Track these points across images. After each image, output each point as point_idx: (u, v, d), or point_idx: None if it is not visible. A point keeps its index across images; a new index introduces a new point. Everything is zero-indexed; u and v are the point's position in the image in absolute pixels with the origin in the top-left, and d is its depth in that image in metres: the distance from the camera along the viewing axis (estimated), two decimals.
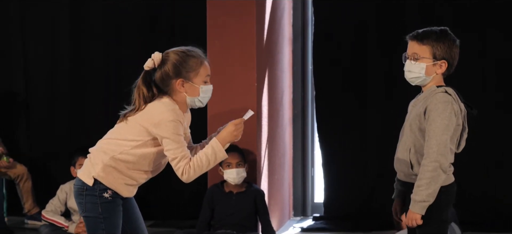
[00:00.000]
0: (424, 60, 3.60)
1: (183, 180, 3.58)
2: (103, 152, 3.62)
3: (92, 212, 3.60)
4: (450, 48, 3.61)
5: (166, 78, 3.61)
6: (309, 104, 6.75)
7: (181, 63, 3.61)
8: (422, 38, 3.62)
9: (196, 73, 3.63)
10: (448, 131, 3.52)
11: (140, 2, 6.77)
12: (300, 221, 6.66)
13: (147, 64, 3.64)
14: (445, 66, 3.61)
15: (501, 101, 6.22)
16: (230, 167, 5.58)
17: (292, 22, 6.69)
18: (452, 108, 3.55)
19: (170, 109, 3.56)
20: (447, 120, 3.52)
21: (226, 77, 5.80)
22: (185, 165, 3.53)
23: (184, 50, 3.66)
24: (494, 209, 6.22)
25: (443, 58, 3.60)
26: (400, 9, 6.30)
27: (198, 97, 3.66)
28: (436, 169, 3.50)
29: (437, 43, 3.60)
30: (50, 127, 7.01)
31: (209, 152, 3.57)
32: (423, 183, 3.52)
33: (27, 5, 6.96)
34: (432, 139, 3.51)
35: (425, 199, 3.52)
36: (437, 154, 3.49)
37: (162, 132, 3.53)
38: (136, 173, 3.64)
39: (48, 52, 6.97)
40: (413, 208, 3.56)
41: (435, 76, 3.63)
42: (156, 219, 6.60)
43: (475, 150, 6.05)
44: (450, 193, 3.64)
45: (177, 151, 3.53)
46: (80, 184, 3.64)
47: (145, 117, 3.58)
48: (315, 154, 6.81)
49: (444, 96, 3.57)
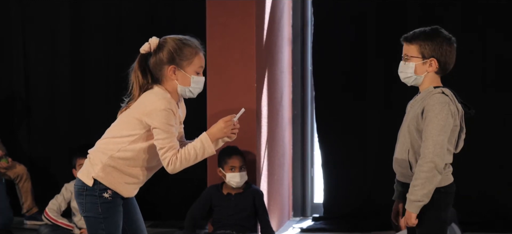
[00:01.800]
0: (413, 59, 3.63)
1: (168, 171, 3.57)
2: (101, 152, 3.62)
3: (92, 212, 3.60)
4: (439, 46, 3.61)
5: (160, 63, 3.62)
6: (308, 104, 6.75)
7: (176, 50, 3.63)
8: (411, 39, 3.65)
9: (189, 62, 3.64)
10: (444, 132, 3.53)
11: (140, 3, 6.77)
12: (300, 221, 6.66)
13: (143, 47, 3.66)
14: (435, 64, 3.62)
15: (501, 101, 6.22)
16: (234, 171, 5.58)
17: (292, 22, 6.69)
18: (449, 109, 3.55)
19: (162, 98, 3.56)
20: (443, 121, 3.53)
21: (225, 77, 5.80)
22: (172, 156, 3.52)
23: (181, 38, 3.68)
24: (494, 209, 6.22)
25: (431, 56, 3.61)
26: (401, 9, 6.30)
27: (189, 87, 3.65)
28: (431, 170, 3.50)
29: (424, 42, 3.61)
30: (50, 127, 7.01)
31: (198, 145, 3.57)
32: (418, 183, 3.52)
33: (28, 6, 6.96)
34: (429, 139, 3.52)
35: (419, 199, 3.52)
36: (433, 154, 3.50)
37: (154, 121, 3.53)
38: (136, 170, 3.63)
39: (49, 52, 6.97)
40: (408, 207, 3.57)
41: (428, 75, 3.63)
42: (156, 219, 6.60)
43: (474, 150, 6.06)
44: (449, 193, 3.64)
45: (166, 141, 3.52)
46: (80, 184, 3.64)
47: (138, 108, 3.58)
48: (315, 154, 6.81)
49: (441, 96, 3.57)
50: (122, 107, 3.68)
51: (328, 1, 6.47)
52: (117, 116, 3.69)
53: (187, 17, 6.59)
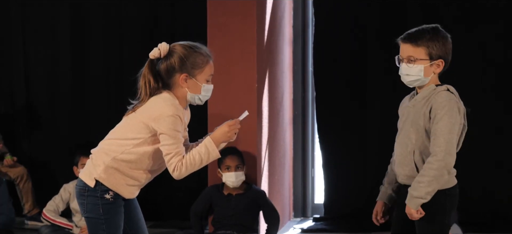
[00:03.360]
0: (421, 61, 3.54)
1: (173, 177, 3.56)
2: (104, 153, 3.62)
3: (93, 213, 3.60)
4: (444, 46, 3.55)
5: (171, 70, 3.60)
6: (309, 104, 6.75)
7: (188, 58, 3.60)
8: (416, 40, 3.55)
9: (201, 71, 3.64)
10: (455, 130, 3.47)
11: (141, 3, 6.77)
12: (300, 222, 6.65)
13: (152, 53, 3.62)
14: (442, 65, 3.57)
15: (501, 101, 6.22)
16: (229, 170, 5.57)
17: (293, 23, 6.68)
18: (457, 107, 3.51)
19: (170, 104, 3.55)
20: (454, 118, 3.47)
21: (226, 78, 5.80)
22: (178, 162, 3.52)
23: (192, 46, 3.65)
24: (494, 209, 6.22)
25: (439, 57, 3.55)
26: (402, 9, 6.29)
27: (199, 95, 3.65)
28: (441, 169, 3.44)
29: (432, 42, 3.53)
30: (51, 128, 7.00)
31: (203, 150, 3.56)
32: (424, 180, 3.45)
33: (28, 7, 6.96)
34: (440, 137, 3.44)
35: (423, 196, 3.46)
36: (445, 153, 3.43)
37: (161, 127, 3.52)
38: (138, 173, 3.63)
39: (49, 53, 6.96)
40: (409, 202, 3.51)
41: (433, 76, 3.58)
42: (157, 220, 6.60)
43: (475, 150, 6.06)
44: (454, 195, 3.59)
45: (172, 147, 3.52)
46: (82, 184, 3.64)
47: (145, 112, 3.57)
48: (315, 155, 6.81)
49: (449, 94, 3.52)
50: (128, 109, 3.66)
51: (329, 2, 6.47)
52: (124, 116, 3.68)
53: (187, 17, 6.59)
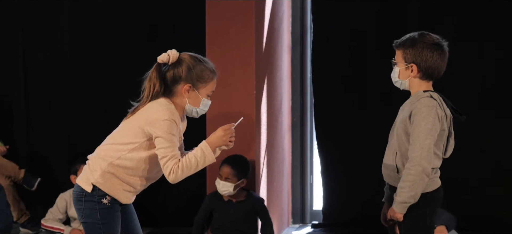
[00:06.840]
0: (399, 65, 3.70)
1: (169, 180, 3.59)
2: (101, 159, 3.63)
3: (90, 217, 3.61)
4: (420, 52, 3.63)
5: (177, 78, 3.64)
6: (308, 111, 6.75)
7: (195, 69, 3.65)
8: (398, 45, 3.71)
9: (205, 85, 3.69)
10: (431, 135, 3.55)
11: (140, 9, 6.77)
12: (299, 228, 6.65)
13: (161, 57, 3.65)
14: (415, 70, 3.65)
15: (500, 105, 6.22)
16: (220, 178, 5.59)
17: (291, 29, 6.69)
18: (436, 113, 3.58)
19: (166, 108, 3.58)
20: (430, 124, 3.55)
21: (225, 84, 5.79)
22: (174, 165, 3.54)
23: (201, 59, 3.71)
24: (491, 215, 6.20)
25: (412, 62, 3.65)
26: (400, 15, 6.30)
27: (197, 108, 3.70)
28: (419, 173, 3.54)
29: (407, 47, 3.66)
30: (50, 132, 6.99)
31: (199, 153, 3.60)
32: (405, 186, 3.57)
33: (28, 9, 6.96)
34: (416, 143, 3.55)
35: (406, 201, 3.58)
36: (420, 158, 3.53)
37: (156, 131, 3.54)
38: (134, 179, 3.65)
39: (48, 56, 6.96)
40: (395, 207, 3.64)
41: (413, 80, 3.68)
42: (154, 226, 6.59)
43: (472, 155, 6.07)
44: (436, 198, 3.68)
45: (168, 150, 3.54)
46: (79, 190, 3.65)
47: (141, 116, 3.60)
48: (314, 161, 6.81)
49: (429, 100, 3.60)
50: (128, 112, 3.68)
51: (327, 8, 6.48)
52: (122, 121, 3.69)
53: (187, 23, 6.59)
